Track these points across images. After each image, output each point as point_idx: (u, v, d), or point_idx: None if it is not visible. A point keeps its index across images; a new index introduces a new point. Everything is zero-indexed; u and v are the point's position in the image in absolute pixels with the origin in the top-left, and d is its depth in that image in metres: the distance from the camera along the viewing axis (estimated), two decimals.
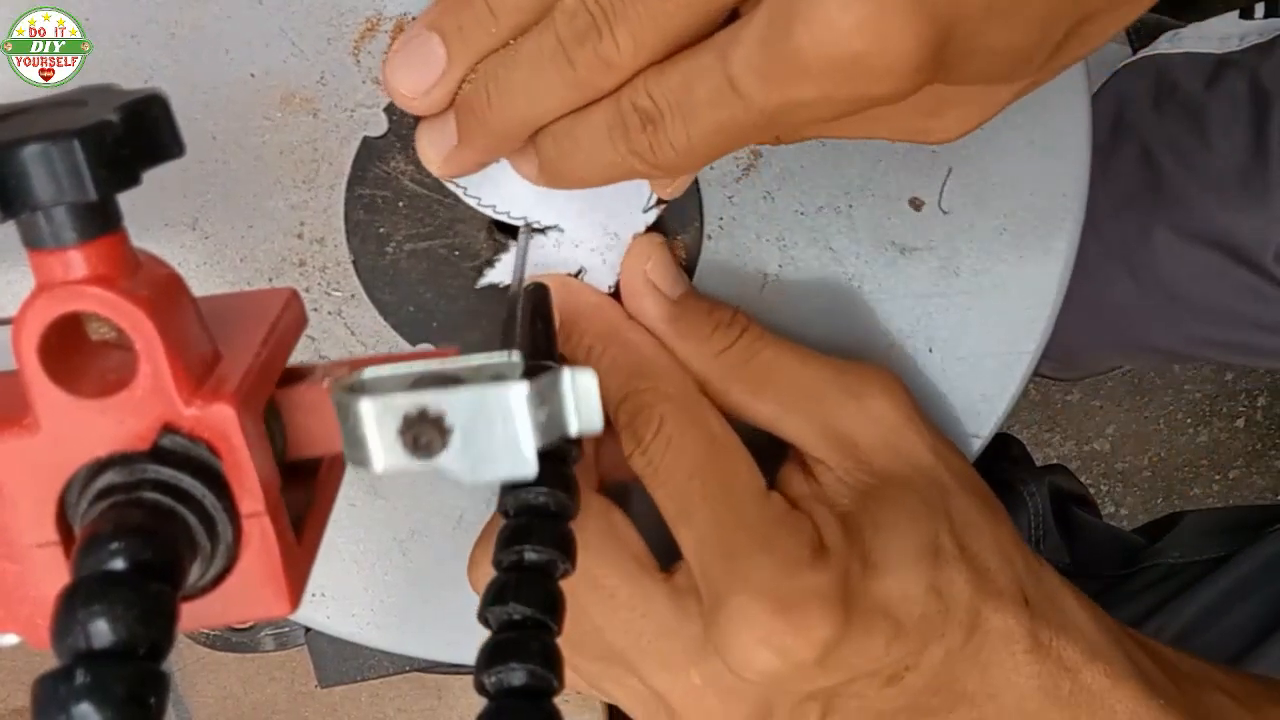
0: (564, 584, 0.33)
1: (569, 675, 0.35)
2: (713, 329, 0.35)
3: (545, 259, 0.36)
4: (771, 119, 0.26)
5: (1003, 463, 0.71)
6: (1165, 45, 0.70)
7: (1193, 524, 0.67)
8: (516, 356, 0.23)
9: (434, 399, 0.21)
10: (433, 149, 0.32)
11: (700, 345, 0.35)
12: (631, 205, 0.35)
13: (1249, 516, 0.65)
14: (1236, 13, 0.68)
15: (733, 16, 0.26)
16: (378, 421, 0.21)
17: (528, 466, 0.22)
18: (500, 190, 0.35)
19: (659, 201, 0.35)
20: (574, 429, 0.23)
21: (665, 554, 0.34)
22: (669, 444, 0.33)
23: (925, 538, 0.33)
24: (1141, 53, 0.72)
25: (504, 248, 0.36)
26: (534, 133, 0.30)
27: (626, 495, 0.36)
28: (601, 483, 0.36)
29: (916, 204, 0.37)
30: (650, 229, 0.36)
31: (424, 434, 0.21)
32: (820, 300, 0.38)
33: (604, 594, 0.33)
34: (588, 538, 0.32)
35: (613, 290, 0.37)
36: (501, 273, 0.37)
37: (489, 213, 0.35)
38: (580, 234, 0.36)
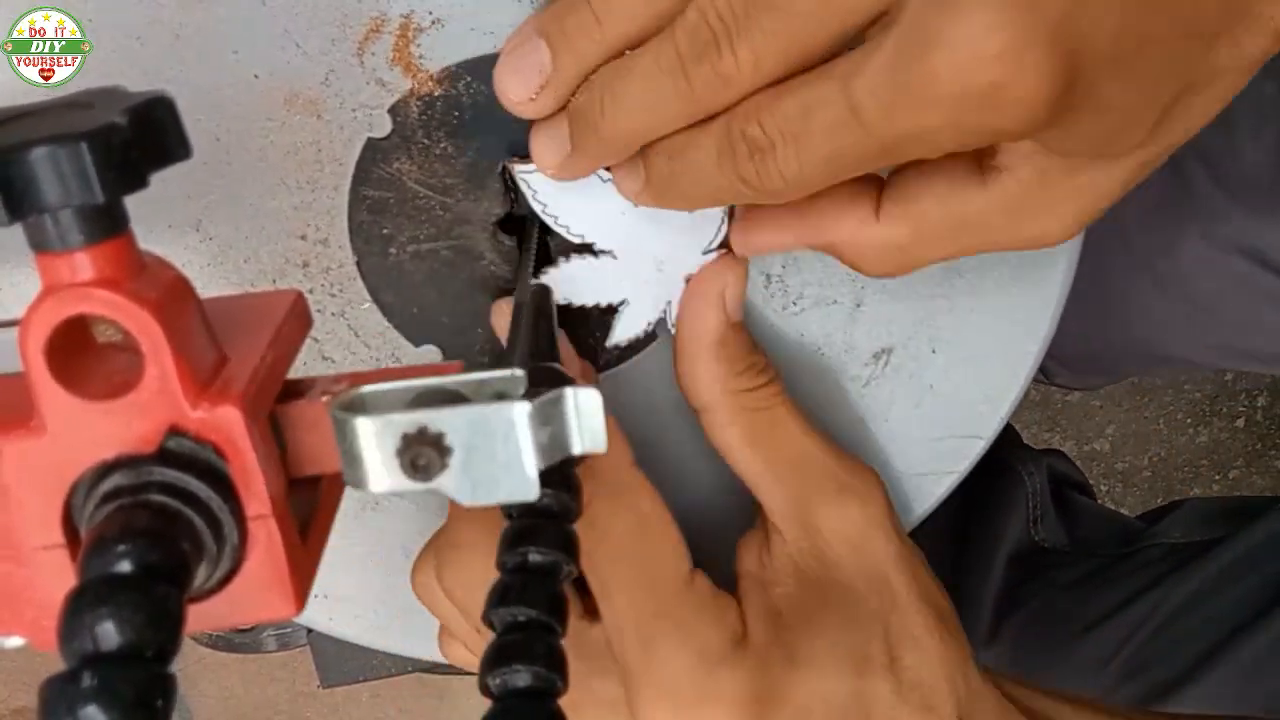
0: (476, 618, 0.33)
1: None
2: (746, 366, 0.35)
3: (591, 284, 0.36)
4: (889, 148, 0.25)
5: (999, 444, 0.70)
6: None
7: (1195, 508, 0.67)
8: (520, 373, 0.23)
9: (434, 418, 0.21)
10: (549, 154, 0.32)
11: (728, 377, 0.35)
12: (693, 245, 0.35)
13: (1251, 503, 0.65)
14: None
15: (857, 43, 0.26)
16: (376, 440, 0.21)
17: (529, 488, 0.22)
18: (562, 202, 0.35)
19: (721, 245, 0.35)
20: (577, 448, 0.23)
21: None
22: (592, 525, 0.32)
23: (855, 642, 0.33)
24: None
25: (551, 262, 0.36)
26: (644, 147, 0.30)
27: None
28: None
29: None
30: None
31: (423, 455, 0.21)
32: (822, 301, 0.38)
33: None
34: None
35: (650, 329, 0.37)
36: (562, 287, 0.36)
37: (550, 223, 0.35)
38: (631, 265, 0.36)
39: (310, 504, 0.25)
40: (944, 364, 0.39)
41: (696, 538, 0.34)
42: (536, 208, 0.35)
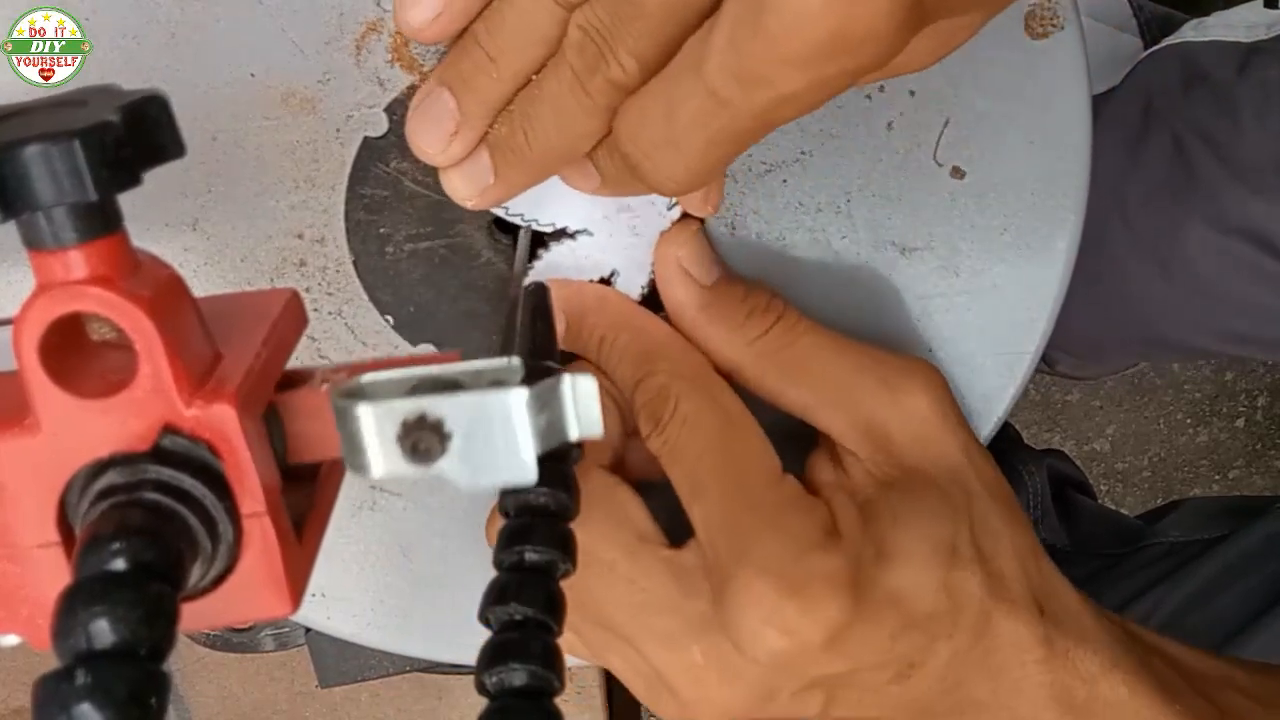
0: None
1: (573, 640, 0.35)
2: (746, 315, 0.35)
3: (578, 264, 0.36)
4: (761, 120, 0.25)
5: (1000, 444, 0.70)
6: (1191, 34, 0.70)
7: (1194, 507, 0.67)
8: (517, 361, 0.23)
9: (433, 404, 0.21)
10: (468, 186, 0.32)
11: (733, 332, 0.35)
12: (655, 205, 0.35)
13: (1251, 502, 0.65)
14: (1261, 1, 0.68)
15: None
16: (377, 426, 0.21)
17: (528, 472, 0.22)
18: (524, 199, 0.35)
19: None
20: (574, 434, 0.23)
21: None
22: (684, 422, 0.33)
23: (943, 535, 0.33)
24: (1165, 41, 0.71)
25: (537, 257, 0.36)
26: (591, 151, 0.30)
27: (658, 492, 0.36)
28: (635, 483, 0.36)
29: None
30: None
31: (423, 440, 0.21)
32: (822, 300, 0.38)
33: (603, 567, 0.33)
34: (587, 511, 0.32)
35: (646, 290, 0.37)
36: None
37: (518, 221, 0.35)
38: (608, 237, 0.36)
39: (306, 502, 0.25)
40: (942, 363, 0.39)
41: None
42: (499, 213, 0.35)
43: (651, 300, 0.36)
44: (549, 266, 0.36)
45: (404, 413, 0.21)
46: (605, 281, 0.36)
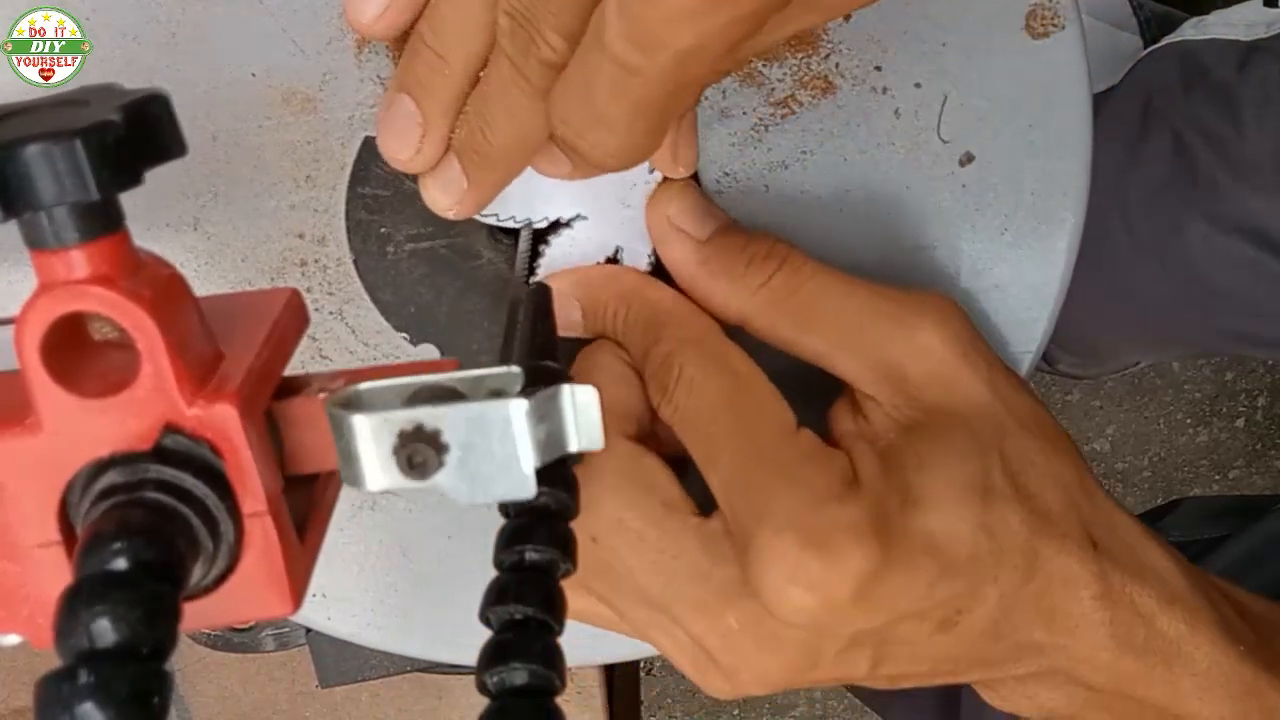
0: (591, 527, 0.31)
1: (616, 621, 0.34)
2: (747, 264, 0.33)
3: (582, 251, 0.36)
4: (676, 77, 0.25)
5: None
6: (1191, 32, 0.70)
7: (1194, 506, 0.67)
8: (517, 370, 0.23)
9: (430, 415, 0.21)
10: (446, 196, 0.32)
11: (735, 283, 0.34)
12: (637, 175, 0.35)
13: (1252, 502, 0.65)
14: (1260, 0, 0.68)
15: None
16: (373, 437, 0.21)
17: (526, 486, 0.22)
18: (510, 200, 0.35)
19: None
20: (574, 446, 0.23)
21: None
22: (691, 388, 0.32)
23: (974, 475, 0.31)
24: (1165, 40, 0.71)
25: (540, 254, 0.36)
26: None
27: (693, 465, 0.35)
28: (669, 457, 0.35)
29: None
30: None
31: (419, 452, 0.21)
32: None
33: (632, 536, 0.32)
34: (613, 480, 0.32)
35: (653, 259, 0.36)
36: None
37: (511, 224, 0.35)
38: (603, 217, 0.36)
39: (307, 501, 0.25)
40: None
41: None
42: (492, 221, 0.35)
43: (660, 270, 0.36)
44: (555, 260, 0.36)
45: (400, 423, 0.21)
46: (612, 260, 0.36)
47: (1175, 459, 1.25)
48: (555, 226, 0.36)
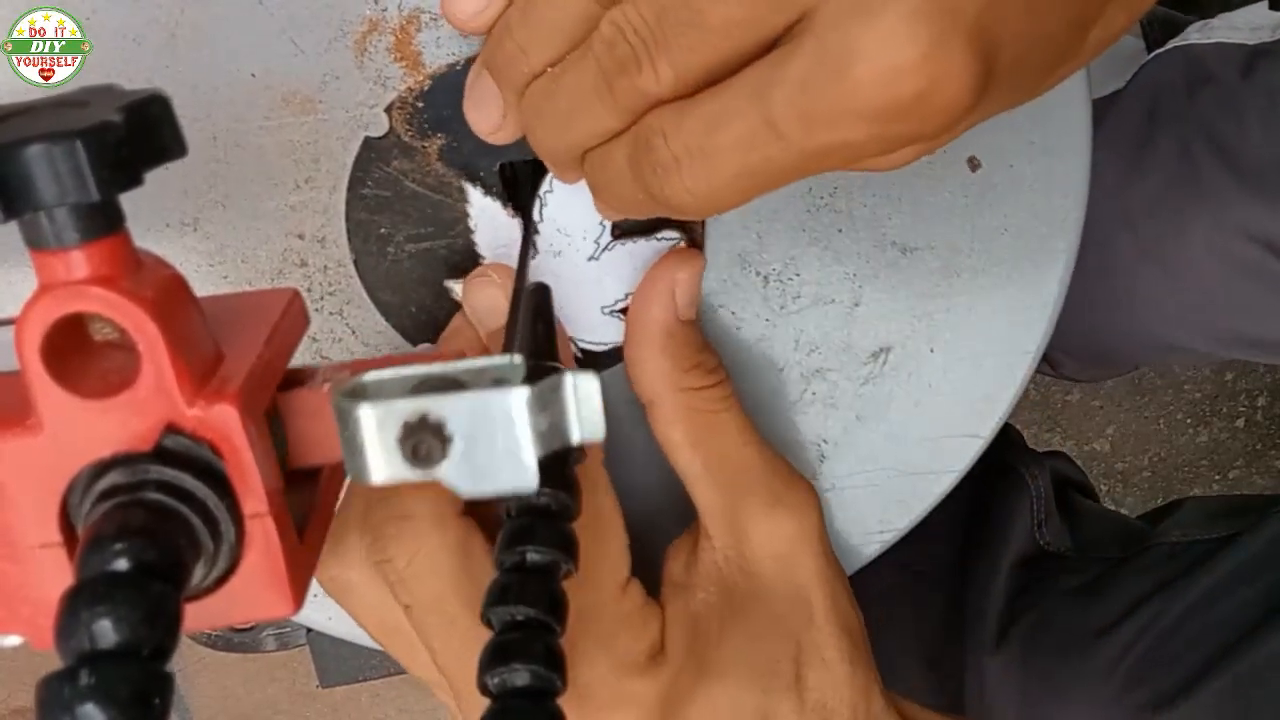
0: (410, 595, 0.31)
1: (387, 629, 0.33)
2: (693, 365, 0.35)
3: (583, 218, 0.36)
4: (809, 160, 0.24)
5: (1002, 447, 0.70)
6: (1195, 36, 0.69)
7: (1195, 507, 0.67)
8: (519, 359, 0.23)
9: (435, 404, 0.21)
10: (504, 135, 0.32)
11: (674, 372, 0.35)
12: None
13: (1252, 502, 0.65)
14: (1266, 3, 0.68)
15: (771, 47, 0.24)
16: (378, 427, 0.21)
17: (529, 476, 0.22)
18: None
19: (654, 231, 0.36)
20: (576, 437, 0.23)
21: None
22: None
23: (763, 658, 0.34)
24: (1170, 44, 0.71)
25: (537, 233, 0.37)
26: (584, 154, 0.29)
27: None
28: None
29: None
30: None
31: (424, 442, 0.21)
32: (820, 300, 0.38)
33: (445, 620, 0.31)
34: (445, 560, 0.31)
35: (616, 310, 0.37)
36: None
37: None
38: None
39: (308, 502, 0.25)
40: (942, 363, 0.39)
41: (641, 534, 0.34)
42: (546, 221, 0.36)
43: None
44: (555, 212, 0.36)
45: (405, 414, 0.21)
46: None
47: (1175, 459, 1.25)
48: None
